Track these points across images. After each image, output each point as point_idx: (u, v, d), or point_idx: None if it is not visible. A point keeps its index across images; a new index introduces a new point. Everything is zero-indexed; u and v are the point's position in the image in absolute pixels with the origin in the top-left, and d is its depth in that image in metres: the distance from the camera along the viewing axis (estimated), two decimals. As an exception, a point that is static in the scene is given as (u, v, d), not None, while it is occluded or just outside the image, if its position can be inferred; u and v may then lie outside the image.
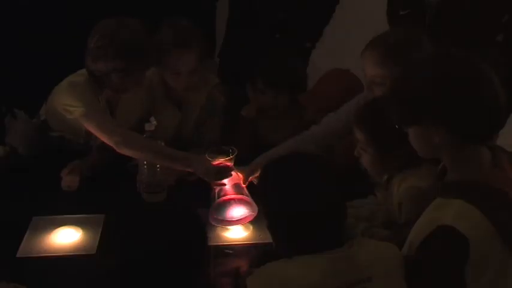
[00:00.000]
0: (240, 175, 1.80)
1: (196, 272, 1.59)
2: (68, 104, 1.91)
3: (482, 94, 1.23)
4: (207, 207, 1.79)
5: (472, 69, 1.26)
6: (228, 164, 1.76)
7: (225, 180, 1.76)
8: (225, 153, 1.74)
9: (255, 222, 1.75)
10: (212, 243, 1.69)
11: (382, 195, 1.66)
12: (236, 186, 1.77)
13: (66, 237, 1.68)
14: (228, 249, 1.68)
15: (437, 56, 1.32)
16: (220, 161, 1.74)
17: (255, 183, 1.78)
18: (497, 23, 2.21)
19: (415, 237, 1.28)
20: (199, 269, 1.60)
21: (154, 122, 1.84)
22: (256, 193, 1.68)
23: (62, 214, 1.78)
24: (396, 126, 1.34)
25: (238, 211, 1.75)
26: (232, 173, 1.76)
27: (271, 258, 1.25)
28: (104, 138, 1.88)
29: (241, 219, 1.74)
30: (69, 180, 1.93)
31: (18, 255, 1.61)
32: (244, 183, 1.79)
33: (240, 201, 1.76)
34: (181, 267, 1.60)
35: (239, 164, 1.82)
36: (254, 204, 1.74)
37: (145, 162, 1.85)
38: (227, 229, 1.74)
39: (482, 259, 1.18)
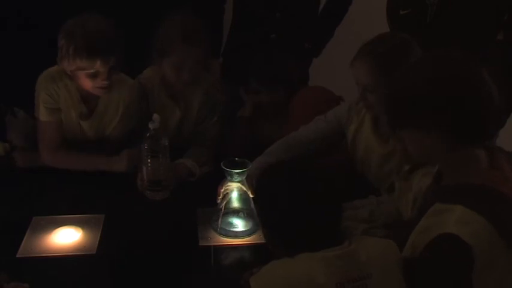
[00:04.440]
0: (245, 187, 1.76)
1: (197, 272, 1.59)
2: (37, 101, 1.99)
3: (474, 94, 1.23)
4: (207, 207, 1.79)
5: (463, 69, 1.26)
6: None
7: (234, 192, 1.74)
8: (240, 166, 1.71)
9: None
10: (212, 243, 1.69)
11: (399, 187, 1.63)
12: (243, 199, 1.75)
13: (66, 237, 1.68)
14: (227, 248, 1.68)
15: (428, 57, 1.32)
16: (235, 172, 1.71)
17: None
18: (498, 23, 2.21)
19: (417, 241, 1.28)
20: (200, 269, 1.60)
21: (158, 119, 1.84)
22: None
23: (62, 214, 1.78)
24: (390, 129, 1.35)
25: (244, 224, 1.75)
26: (240, 185, 1.73)
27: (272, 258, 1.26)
28: (40, 146, 2.02)
29: (246, 232, 1.73)
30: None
31: (18, 255, 1.61)
32: (252, 194, 1.77)
33: (247, 214, 1.75)
34: (182, 267, 1.60)
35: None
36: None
37: (149, 160, 1.85)
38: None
39: (487, 264, 1.18)
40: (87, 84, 1.94)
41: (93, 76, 1.91)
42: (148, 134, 1.85)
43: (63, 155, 2.02)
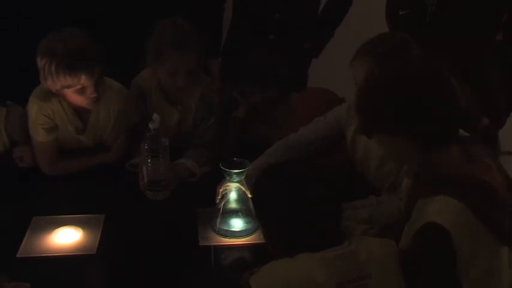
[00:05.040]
0: (244, 187, 1.76)
1: (197, 272, 1.59)
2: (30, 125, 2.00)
3: (433, 96, 1.25)
4: (207, 207, 1.79)
5: (422, 72, 1.28)
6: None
7: (232, 192, 1.74)
8: (238, 166, 1.71)
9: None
10: (212, 243, 1.69)
11: (406, 185, 1.64)
12: (242, 199, 1.75)
13: (66, 237, 1.69)
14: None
15: (389, 62, 1.36)
16: (234, 172, 1.71)
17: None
18: (497, 23, 2.21)
19: (406, 234, 1.31)
20: (200, 269, 1.60)
21: (158, 119, 1.84)
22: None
23: (62, 214, 1.78)
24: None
25: (243, 224, 1.74)
26: (238, 185, 1.73)
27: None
28: (40, 163, 2.01)
29: (244, 232, 1.73)
30: None
31: (18, 255, 1.61)
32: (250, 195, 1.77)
33: (246, 214, 1.75)
34: (182, 267, 1.60)
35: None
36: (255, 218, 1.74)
37: (149, 161, 1.85)
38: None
39: (472, 252, 1.20)
40: (77, 99, 1.94)
41: (81, 92, 1.90)
42: (148, 134, 1.85)
43: (62, 166, 2.03)
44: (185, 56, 1.99)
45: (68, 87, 1.88)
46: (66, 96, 1.94)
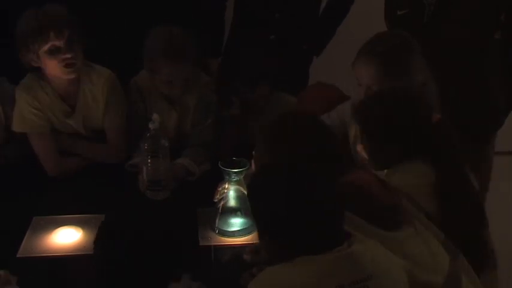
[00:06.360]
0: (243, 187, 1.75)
1: (198, 272, 1.59)
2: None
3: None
4: (207, 207, 1.79)
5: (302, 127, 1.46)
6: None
7: (231, 192, 1.74)
8: (238, 165, 1.72)
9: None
10: (212, 243, 1.69)
11: None
12: (241, 198, 1.75)
13: (66, 237, 1.69)
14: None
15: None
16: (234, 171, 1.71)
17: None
18: (495, 22, 2.21)
19: None
20: (200, 269, 1.60)
21: (158, 119, 1.84)
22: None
23: (62, 214, 1.79)
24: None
25: (242, 223, 1.75)
26: (237, 185, 1.74)
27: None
28: (45, 161, 2.02)
29: (243, 231, 1.73)
30: None
31: (18, 255, 1.61)
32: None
33: (245, 214, 1.75)
34: (182, 267, 1.60)
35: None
36: None
37: (149, 161, 1.86)
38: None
39: None
40: (54, 65, 1.93)
41: (55, 52, 1.90)
42: (148, 134, 1.85)
43: (63, 162, 2.04)
44: (180, 66, 1.99)
45: (40, 48, 1.89)
46: (46, 66, 1.94)
